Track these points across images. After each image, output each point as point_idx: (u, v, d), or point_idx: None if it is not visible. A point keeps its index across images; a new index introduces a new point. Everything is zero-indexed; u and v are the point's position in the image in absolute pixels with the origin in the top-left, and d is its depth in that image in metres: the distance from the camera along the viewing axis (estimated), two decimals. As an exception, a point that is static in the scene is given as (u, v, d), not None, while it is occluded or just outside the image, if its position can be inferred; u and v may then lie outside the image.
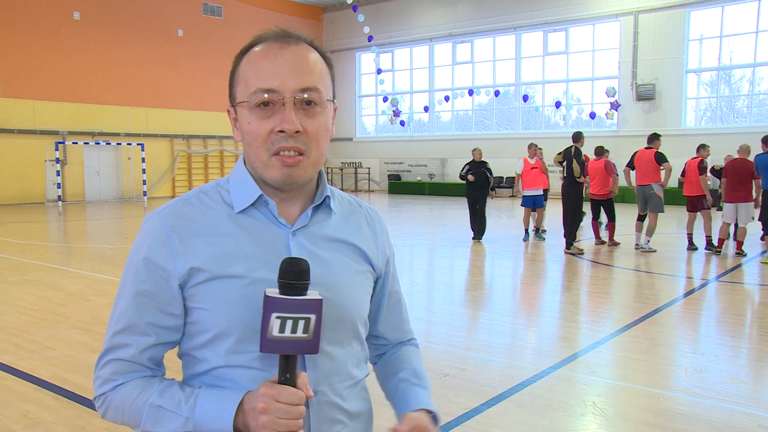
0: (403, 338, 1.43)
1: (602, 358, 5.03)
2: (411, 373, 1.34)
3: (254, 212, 1.17)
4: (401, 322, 1.41)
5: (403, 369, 1.35)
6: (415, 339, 1.46)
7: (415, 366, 1.36)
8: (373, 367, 1.42)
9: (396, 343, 1.42)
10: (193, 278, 1.11)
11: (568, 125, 24.17)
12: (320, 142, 1.14)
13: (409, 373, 1.33)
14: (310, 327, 1.01)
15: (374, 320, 1.36)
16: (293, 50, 1.13)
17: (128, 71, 23.43)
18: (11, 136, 20.92)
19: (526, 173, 11.59)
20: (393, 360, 1.38)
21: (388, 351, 1.41)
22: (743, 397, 4.14)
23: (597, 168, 10.83)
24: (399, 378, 1.33)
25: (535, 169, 11.57)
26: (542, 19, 24.03)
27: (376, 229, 1.32)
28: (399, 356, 1.38)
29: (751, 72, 21.01)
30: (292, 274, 1.01)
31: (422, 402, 1.27)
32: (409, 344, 1.43)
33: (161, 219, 1.15)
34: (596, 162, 10.89)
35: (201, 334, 1.13)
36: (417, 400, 1.27)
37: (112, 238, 13.18)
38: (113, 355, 1.14)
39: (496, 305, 7.08)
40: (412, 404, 1.26)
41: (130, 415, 1.11)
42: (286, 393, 1.00)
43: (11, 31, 20.54)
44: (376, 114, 30.03)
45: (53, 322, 6.07)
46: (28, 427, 3.68)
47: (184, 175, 25.63)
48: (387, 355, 1.40)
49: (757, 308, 6.84)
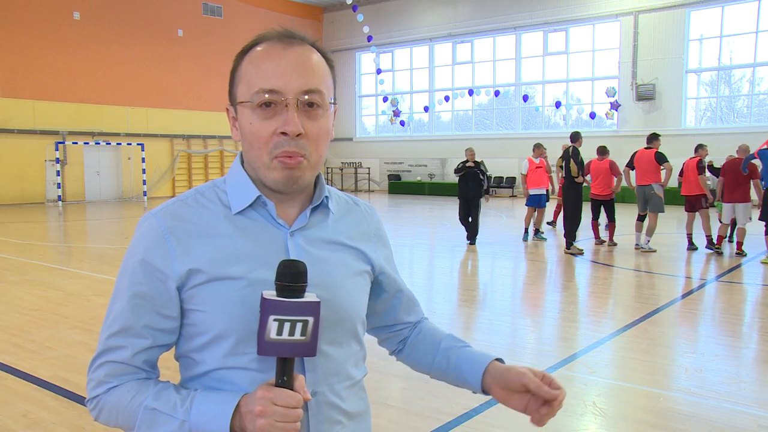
0: (420, 316, 1.45)
1: (602, 358, 5.03)
2: (451, 339, 1.36)
3: (252, 213, 1.16)
4: (414, 304, 1.44)
5: (441, 339, 1.37)
6: (427, 318, 1.49)
7: (447, 333, 1.39)
8: (398, 356, 1.44)
9: (415, 322, 1.44)
10: (191, 280, 1.11)
11: (568, 125, 24.17)
12: (320, 145, 1.14)
13: (450, 341, 1.36)
14: (308, 330, 1.01)
15: (394, 311, 1.39)
16: (297, 51, 1.12)
17: (128, 71, 23.43)
18: (11, 136, 20.92)
19: (531, 173, 11.64)
20: (422, 338, 1.40)
21: (411, 334, 1.42)
22: (743, 397, 4.14)
23: (601, 168, 10.80)
24: (443, 348, 1.35)
25: (539, 169, 11.62)
26: (542, 19, 24.04)
27: (373, 228, 1.32)
28: (425, 333, 1.41)
29: (751, 72, 21.01)
30: (290, 276, 1.01)
31: (488, 356, 1.28)
32: (425, 321, 1.46)
33: (158, 220, 1.14)
34: (600, 162, 10.87)
35: (199, 336, 1.12)
36: (483, 356, 1.28)
37: (112, 238, 13.18)
38: (107, 357, 1.13)
39: (496, 305, 7.08)
40: (482, 360, 1.27)
41: (125, 418, 1.10)
42: (283, 396, 0.99)
43: (11, 31, 20.54)
44: (376, 114, 30.03)
45: (53, 322, 6.07)
46: (28, 427, 3.68)
47: (184, 175, 25.63)
48: (412, 337, 1.41)
49: (757, 308, 6.84)
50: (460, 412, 3.85)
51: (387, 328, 1.42)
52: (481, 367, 1.26)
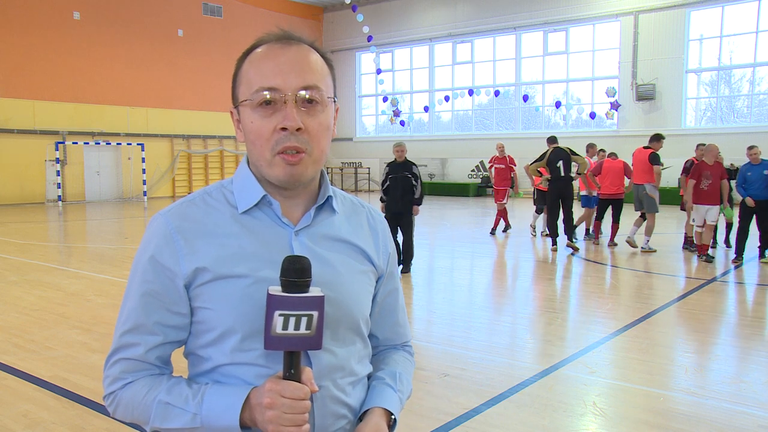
0: (397, 341, 1.40)
1: (602, 358, 5.03)
2: (389, 374, 1.30)
3: (258, 212, 1.19)
4: (395, 325, 1.38)
5: (383, 369, 1.32)
6: (409, 345, 1.43)
7: (398, 370, 1.32)
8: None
9: (389, 345, 1.39)
10: (198, 278, 1.13)
11: (568, 125, 24.18)
12: (321, 140, 1.16)
13: (387, 374, 1.29)
14: (313, 323, 1.03)
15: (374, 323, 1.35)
16: (294, 50, 1.15)
17: (128, 71, 23.43)
18: (11, 136, 20.92)
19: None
20: (377, 361, 1.36)
21: (379, 352, 1.39)
22: (743, 397, 4.14)
23: (614, 168, 10.77)
24: (376, 377, 1.30)
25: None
26: (542, 19, 24.03)
27: (377, 229, 1.33)
28: (385, 358, 1.36)
29: (751, 72, 21.01)
30: (294, 272, 1.03)
31: (385, 401, 1.22)
32: (401, 349, 1.40)
33: (166, 220, 1.17)
34: (613, 162, 10.87)
35: (206, 333, 1.15)
36: (381, 398, 1.23)
37: (112, 238, 13.18)
38: (122, 354, 1.16)
39: (496, 305, 7.08)
40: (374, 401, 1.22)
41: (140, 412, 1.14)
42: (291, 388, 1.02)
43: (11, 31, 20.54)
44: (376, 114, 30.03)
45: (53, 322, 6.07)
46: (28, 427, 3.68)
47: (184, 175, 25.62)
48: (375, 357, 1.37)
49: (757, 308, 6.84)
50: (460, 412, 3.86)
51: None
52: (365, 408, 1.22)
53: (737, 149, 14.15)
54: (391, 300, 1.37)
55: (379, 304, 1.34)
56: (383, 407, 1.22)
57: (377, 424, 1.18)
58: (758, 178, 8.93)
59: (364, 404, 1.24)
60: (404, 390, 1.30)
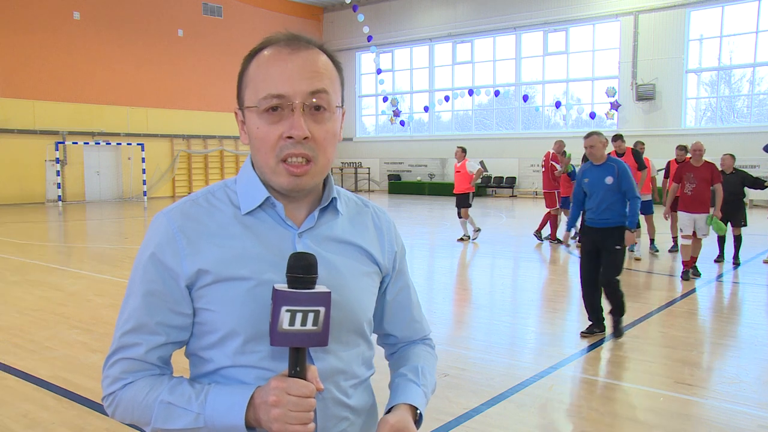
0: (415, 336, 1.40)
1: (602, 358, 5.04)
2: (411, 369, 1.30)
3: (261, 214, 1.18)
4: (411, 321, 1.38)
5: (406, 365, 1.32)
6: (429, 338, 1.43)
7: (420, 364, 1.32)
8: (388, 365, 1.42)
9: (408, 341, 1.39)
10: (201, 280, 1.12)
11: (568, 125, 24.18)
12: (327, 149, 1.15)
13: (410, 369, 1.30)
14: (320, 319, 1.02)
15: (380, 318, 1.35)
16: (303, 55, 1.13)
17: (128, 71, 23.42)
18: (11, 136, 20.91)
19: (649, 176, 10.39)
20: (399, 358, 1.37)
21: (399, 349, 1.39)
22: (743, 397, 4.15)
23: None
24: (398, 374, 1.31)
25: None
26: (542, 19, 24.03)
27: (383, 228, 1.32)
28: (405, 354, 1.37)
29: (751, 72, 21.00)
30: (301, 268, 1.03)
31: (409, 396, 1.22)
32: (421, 343, 1.40)
33: (169, 219, 1.15)
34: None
35: (209, 335, 1.14)
36: (404, 394, 1.23)
37: (112, 238, 13.18)
38: (123, 354, 1.15)
39: (496, 305, 7.08)
40: (398, 398, 1.23)
41: (141, 413, 1.12)
42: (296, 386, 1.01)
43: (11, 31, 20.53)
44: (376, 114, 30.03)
45: (53, 322, 6.07)
46: (28, 427, 3.68)
47: (184, 175, 25.62)
48: (396, 354, 1.39)
49: (757, 308, 6.84)
50: (460, 412, 3.86)
51: (381, 335, 1.40)
52: (390, 404, 1.22)
53: (737, 149, 14.14)
54: (403, 297, 1.36)
55: (390, 302, 1.34)
56: (408, 403, 1.21)
57: (402, 415, 1.17)
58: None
59: (388, 402, 1.24)
60: (428, 384, 1.30)
